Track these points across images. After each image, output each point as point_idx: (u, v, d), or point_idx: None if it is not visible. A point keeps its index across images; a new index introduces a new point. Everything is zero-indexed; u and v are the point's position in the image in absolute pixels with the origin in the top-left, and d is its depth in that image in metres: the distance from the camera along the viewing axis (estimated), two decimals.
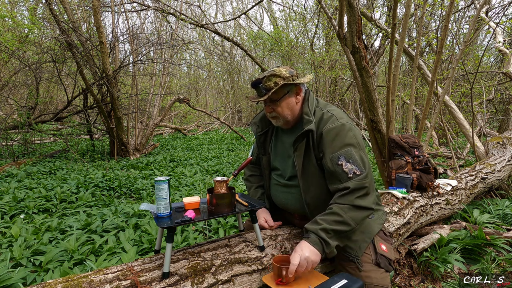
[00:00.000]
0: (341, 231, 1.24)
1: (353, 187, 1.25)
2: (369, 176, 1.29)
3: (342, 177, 1.28)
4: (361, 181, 1.26)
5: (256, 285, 1.27)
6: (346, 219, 1.24)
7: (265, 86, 1.36)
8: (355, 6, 2.32)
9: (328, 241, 1.22)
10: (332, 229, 1.23)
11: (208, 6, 26.50)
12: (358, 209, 1.25)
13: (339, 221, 1.23)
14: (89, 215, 3.00)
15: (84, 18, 7.09)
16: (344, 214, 1.24)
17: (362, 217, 1.28)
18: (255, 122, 1.62)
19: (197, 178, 4.66)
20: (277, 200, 1.59)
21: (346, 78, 10.92)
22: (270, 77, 1.35)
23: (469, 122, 4.59)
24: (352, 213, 1.24)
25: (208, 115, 14.96)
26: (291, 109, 1.41)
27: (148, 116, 8.38)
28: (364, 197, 1.27)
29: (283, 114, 1.40)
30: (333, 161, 1.29)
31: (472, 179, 2.97)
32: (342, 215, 1.24)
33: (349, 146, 1.29)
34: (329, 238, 1.23)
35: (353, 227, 1.25)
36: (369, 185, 1.29)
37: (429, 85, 3.25)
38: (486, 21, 5.16)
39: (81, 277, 1.06)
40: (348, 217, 1.24)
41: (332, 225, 1.23)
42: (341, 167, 1.27)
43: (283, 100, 1.38)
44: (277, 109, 1.39)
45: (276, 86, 1.33)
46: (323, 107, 1.42)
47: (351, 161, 1.27)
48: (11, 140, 6.39)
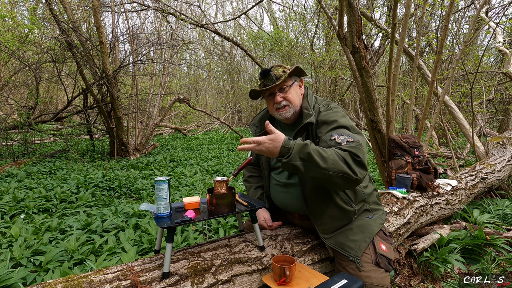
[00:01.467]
0: (312, 160, 1.11)
1: (345, 148, 1.18)
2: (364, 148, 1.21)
3: (334, 145, 1.23)
4: (356, 146, 1.18)
5: (256, 285, 1.27)
6: (327, 157, 1.13)
7: (275, 75, 1.40)
8: (355, 6, 2.32)
9: (294, 155, 1.12)
10: (312, 149, 1.13)
11: (208, 6, 26.49)
12: (343, 161, 1.14)
13: (322, 156, 1.13)
14: (89, 215, 3.00)
15: (84, 18, 7.08)
16: (329, 156, 1.13)
17: (341, 170, 1.13)
18: (254, 123, 1.63)
19: (197, 178, 4.66)
20: (277, 200, 1.59)
21: (346, 78, 10.92)
22: (277, 67, 1.42)
23: (469, 122, 4.59)
24: (338, 162, 1.13)
25: (208, 115, 14.95)
26: (299, 98, 1.46)
27: (148, 116, 8.38)
28: (356, 161, 1.16)
29: (294, 101, 1.43)
30: (326, 140, 1.27)
31: (472, 179, 2.97)
32: (327, 152, 1.14)
33: (343, 128, 1.29)
34: (297, 153, 1.12)
35: (325, 168, 1.11)
36: (363, 156, 1.18)
37: (429, 85, 3.25)
38: (486, 21, 5.16)
39: (81, 277, 1.07)
40: (330, 158, 1.13)
41: (314, 147, 1.15)
42: (334, 140, 1.24)
43: (292, 88, 1.43)
44: (288, 96, 1.42)
45: (285, 74, 1.39)
46: (321, 102, 1.47)
47: (343, 134, 1.25)
48: (11, 140, 6.39)
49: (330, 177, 1.14)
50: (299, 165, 1.13)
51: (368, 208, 1.49)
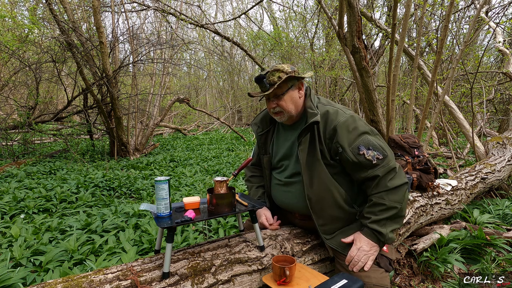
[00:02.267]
0: (389, 216, 1.29)
1: (382, 174, 1.30)
2: (391, 157, 1.33)
3: (367, 165, 1.31)
4: (387, 165, 1.30)
5: (256, 285, 1.27)
6: (389, 204, 1.28)
7: (269, 81, 1.37)
8: (355, 6, 2.32)
9: (380, 231, 1.29)
10: (380, 218, 1.30)
11: (208, 6, 26.50)
12: (395, 190, 1.29)
13: (384, 209, 1.29)
14: (89, 215, 3.00)
15: (84, 18, 7.08)
16: (385, 201, 1.29)
17: (402, 193, 1.30)
18: (256, 122, 1.63)
19: (197, 178, 4.66)
20: (278, 200, 1.59)
21: (346, 78, 10.92)
22: (274, 72, 1.38)
23: (469, 122, 4.59)
24: (391, 196, 1.29)
25: (208, 115, 14.96)
26: (295, 103, 1.42)
27: (148, 116, 8.38)
28: (396, 177, 1.31)
29: (287, 109, 1.41)
30: (354, 152, 1.31)
31: (472, 179, 2.97)
32: (384, 203, 1.29)
33: (365, 134, 1.33)
34: (381, 227, 1.30)
35: (399, 207, 1.29)
36: (395, 165, 1.33)
37: (429, 85, 3.25)
38: (486, 21, 5.16)
39: (81, 277, 1.06)
40: (389, 202, 1.28)
41: (379, 215, 1.30)
42: (363, 156, 1.30)
43: (287, 94, 1.40)
44: (281, 103, 1.40)
45: (279, 80, 1.35)
46: (326, 103, 1.44)
47: (371, 148, 1.30)
48: (11, 140, 6.39)
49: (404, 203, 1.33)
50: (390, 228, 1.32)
51: None
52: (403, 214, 1.32)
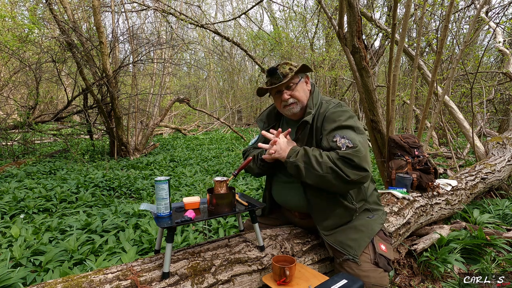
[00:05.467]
0: (310, 163, 1.25)
1: (341, 154, 1.22)
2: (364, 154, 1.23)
3: (334, 148, 1.27)
4: (352, 152, 1.21)
5: (256, 285, 1.27)
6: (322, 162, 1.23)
7: (281, 72, 1.40)
8: (355, 6, 2.32)
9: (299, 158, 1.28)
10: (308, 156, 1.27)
11: (208, 6, 26.48)
12: (334, 165, 1.21)
13: (317, 159, 1.25)
14: (89, 215, 3.00)
15: (84, 18, 7.09)
16: (324, 159, 1.23)
17: (334, 172, 1.21)
18: (261, 119, 1.66)
19: (197, 178, 4.66)
20: (278, 197, 1.59)
21: (346, 78, 10.92)
22: (284, 65, 1.42)
23: (469, 122, 4.59)
24: (329, 161, 1.22)
25: (208, 115, 14.96)
26: (306, 93, 1.46)
27: (148, 116, 8.38)
28: (349, 165, 1.21)
29: (301, 98, 1.44)
30: (328, 139, 1.31)
31: (472, 179, 2.97)
32: (323, 157, 1.24)
33: (348, 129, 1.31)
34: (301, 156, 1.29)
35: (319, 170, 1.22)
36: (361, 161, 1.21)
37: (429, 85, 3.25)
38: (486, 21, 5.16)
39: (81, 277, 1.07)
40: (324, 162, 1.22)
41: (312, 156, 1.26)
42: (335, 142, 1.27)
43: (299, 84, 1.44)
44: (295, 93, 1.43)
45: (291, 72, 1.39)
46: (330, 100, 1.48)
47: (345, 137, 1.27)
48: (11, 140, 6.39)
49: (325, 179, 1.24)
50: (301, 166, 1.27)
51: (369, 207, 1.49)
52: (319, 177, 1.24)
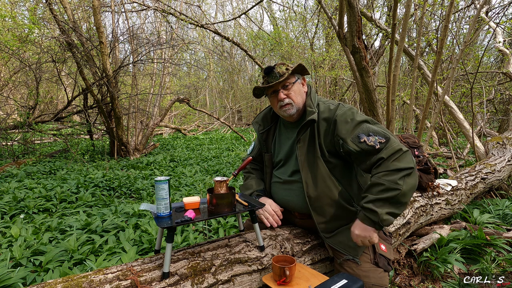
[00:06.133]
0: (387, 197, 1.20)
1: (386, 156, 1.23)
2: (395, 139, 1.27)
3: (371, 151, 1.26)
4: (391, 146, 1.24)
5: (256, 285, 1.27)
6: (388, 184, 1.19)
7: (278, 72, 1.41)
8: (355, 6, 2.32)
9: (375, 209, 1.20)
10: (377, 198, 1.21)
11: (208, 6, 26.50)
12: (396, 172, 1.20)
13: (382, 189, 1.20)
14: (89, 215, 3.00)
15: (84, 18, 7.09)
16: (384, 181, 1.20)
17: (403, 175, 1.20)
18: (257, 121, 1.65)
19: (197, 178, 4.66)
20: (278, 198, 1.59)
21: (346, 78, 10.92)
22: (280, 65, 1.43)
23: (469, 122, 4.60)
24: (392, 176, 1.20)
25: (208, 115, 14.96)
26: (301, 96, 1.46)
27: (148, 116, 8.38)
28: (400, 159, 1.22)
29: (296, 100, 1.44)
30: (355, 141, 1.28)
31: (472, 179, 2.97)
32: (382, 183, 1.21)
33: (363, 123, 1.32)
34: (376, 206, 1.21)
35: (400, 190, 1.18)
36: (400, 146, 1.25)
37: (429, 85, 3.25)
38: (486, 21, 5.16)
39: (81, 277, 1.06)
40: (389, 182, 1.19)
41: (376, 195, 1.21)
42: (365, 143, 1.26)
43: (295, 85, 1.44)
44: (290, 94, 1.43)
45: (288, 72, 1.40)
46: (327, 101, 1.48)
47: (371, 134, 1.27)
48: (11, 140, 6.39)
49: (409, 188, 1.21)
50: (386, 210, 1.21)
51: None
52: (404, 200, 1.21)
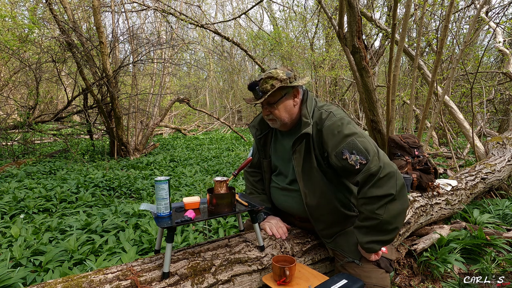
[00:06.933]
0: (369, 226, 1.22)
1: (361, 180, 1.20)
2: (376, 161, 1.19)
3: (352, 171, 1.23)
4: (367, 170, 1.18)
5: (256, 285, 1.27)
6: (367, 214, 1.20)
7: (262, 89, 1.34)
8: (355, 6, 2.32)
9: (358, 238, 1.27)
10: (361, 225, 1.26)
11: (208, 6, 26.50)
12: (373, 200, 1.18)
13: (364, 217, 1.23)
14: (89, 215, 3.00)
15: (84, 18, 7.09)
16: (364, 210, 1.22)
17: (381, 205, 1.17)
18: (254, 125, 1.60)
19: (197, 178, 4.66)
20: (278, 203, 1.59)
21: (346, 78, 10.92)
22: (267, 79, 1.33)
23: (469, 122, 4.60)
24: (369, 206, 1.19)
25: (208, 115, 14.96)
26: (289, 112, 1.38)
27: (148, 116, 8.38)
28: (380, 184, 1.17)
29: (281, 117, 1.38)
30: (338, 157, 1.25)
31: (472, 179, 2.97)
32: (362, 211, 1.23)
33: (350, 137, 1.24)
34: (360, 234, 1.26)
35: (380, 219, 1.17)
36: (380, 169, 1.17)
37: (429, 85, 3.25)
38: (486, 21, 5.17)
39: (81, 277, 1.06)
40: (367, 211, 1.20)
41: (360, 222, 1.26)
42: (347, 161, 1.22)
43: (280, 103, 1.36)
44: (274, 111, 1.37)
45: (272, 89, 1.31)
46: (322, 106, 1.40)
47: (354, 152, 1.21)
48: (11, 140, 6.39)
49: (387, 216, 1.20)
50: (367, 239, 1.25)
51: None
52: (391, 227, 1.19)
